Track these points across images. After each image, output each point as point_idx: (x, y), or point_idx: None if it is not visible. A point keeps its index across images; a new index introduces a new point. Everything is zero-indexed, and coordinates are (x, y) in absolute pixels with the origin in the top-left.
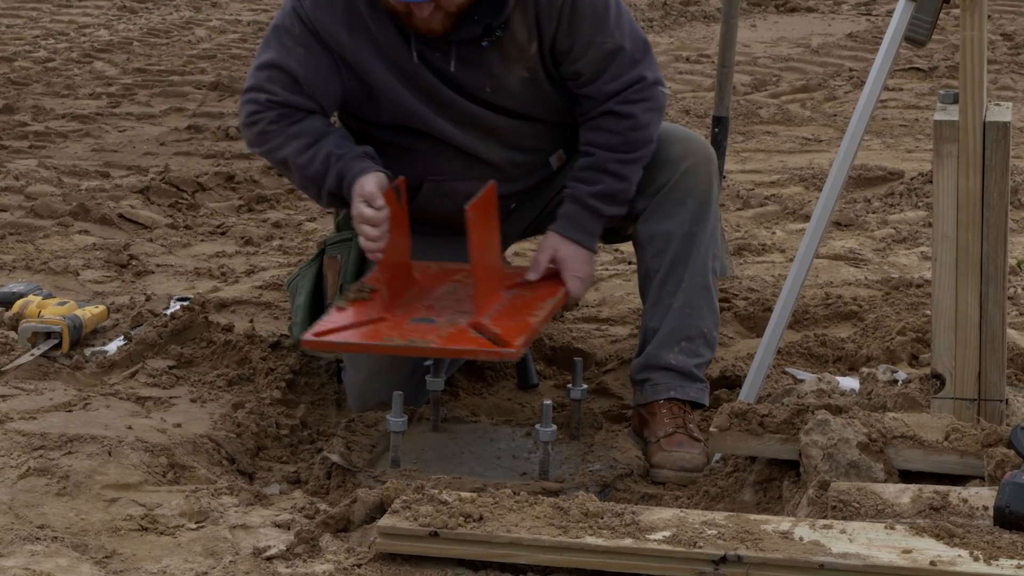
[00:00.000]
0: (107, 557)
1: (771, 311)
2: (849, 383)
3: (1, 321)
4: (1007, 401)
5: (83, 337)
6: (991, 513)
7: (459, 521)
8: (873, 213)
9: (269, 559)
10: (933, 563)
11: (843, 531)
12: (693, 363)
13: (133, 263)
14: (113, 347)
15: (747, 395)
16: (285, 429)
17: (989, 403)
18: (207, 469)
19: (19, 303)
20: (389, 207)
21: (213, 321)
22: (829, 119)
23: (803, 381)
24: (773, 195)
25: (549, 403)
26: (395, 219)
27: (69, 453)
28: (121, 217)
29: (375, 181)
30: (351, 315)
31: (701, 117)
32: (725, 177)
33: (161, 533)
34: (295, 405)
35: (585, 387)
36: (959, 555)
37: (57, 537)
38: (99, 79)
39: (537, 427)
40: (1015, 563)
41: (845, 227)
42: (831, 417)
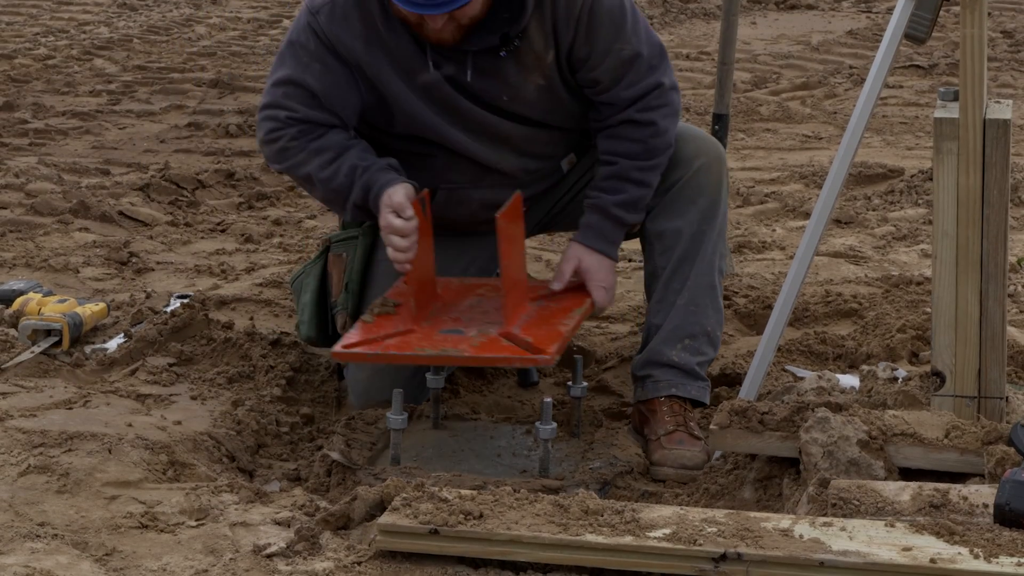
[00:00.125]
0: (107, 555)
1: (771, 309)
2: (849, 381)
3: (1, 319)
4: (1007, 399)
5: (83, 334)
6: (991, 511)
7: (459, 519)
8: (873, 210)
9: (269, 556)
10: (933, 560)
11: (843, 529)
12: (695, 361)
13: (133, 260)
14: (113, 344)
15: (747, 392)
16: (285, 427)
17: (989, 400)
18: (207, 467)
19: (19, 300)
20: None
21: (213, 318)
22: (829, 116)
23: (803, 379)
24: (773, 192)
25: (549, 401)
26: (420, 231)
27: (69, 451)
28: (121, 214)
29: (404, 192)
30: (379, 328)
31: (701, 114)
32: None
33: (161, 531)
34: (295, 402)
35: (585, 385)
36: (959, 553)
37: (57, 535)
38: (99, 76)
39: (537, 425)
40: (1015, 561)
41: (845, 224)
42: (831, 415)
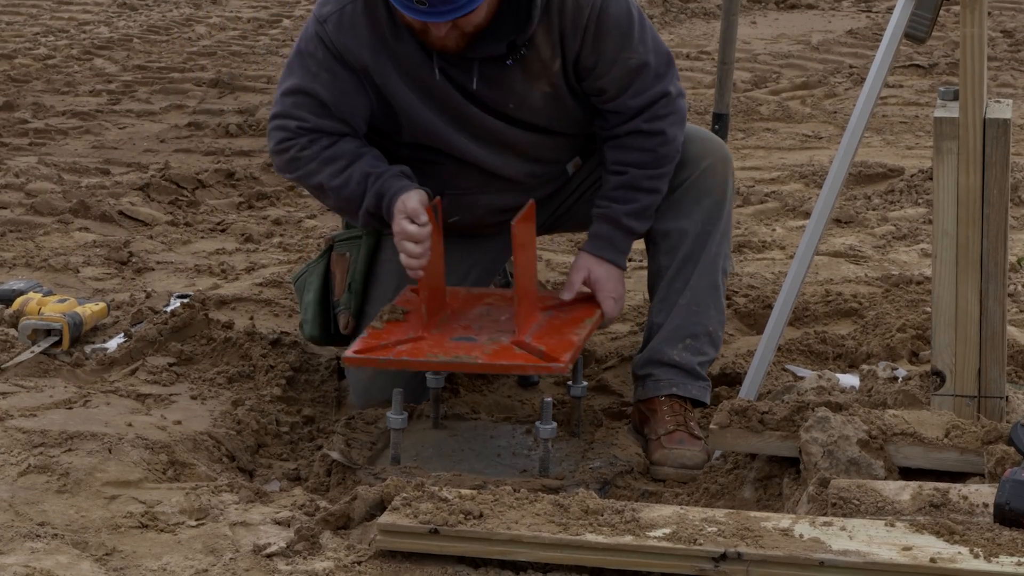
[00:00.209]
0: (107, 554)
1: (771, 308)
2: (849, 380)
3: (1, 318)
4: (1007, 398)
5: (83, 334)
6: (991, 510)
7: (459, 518)
8: (873, 210)
9: (269, 556)
10: (933, 560)
11: (843, 528)
12: (696, 361)
13: (133, 260)
14: (113, 344)
15: (747, 392)
16: (285, 426)
17: (989, 400)
18: (207, 466)
19: (19, 300)
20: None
21: (213, 318)
22: (829, 116)
23: (803, 378)
24: (773, 192)
25: (549, 400)
26: (432, 237)
27: (69, 450)
28: (121, 214)
29: (418, 198)
30: (389, 334)
31: (701, 114)
32: None
33: (161, 530)
34: (295, 402)
35: (585, 384)
36: (959, 552)
37: (57, 534)
38: (99, 76)
39: (537, 424)
40: (1015, 560)
41: (845, 224)
42: (831, 414)
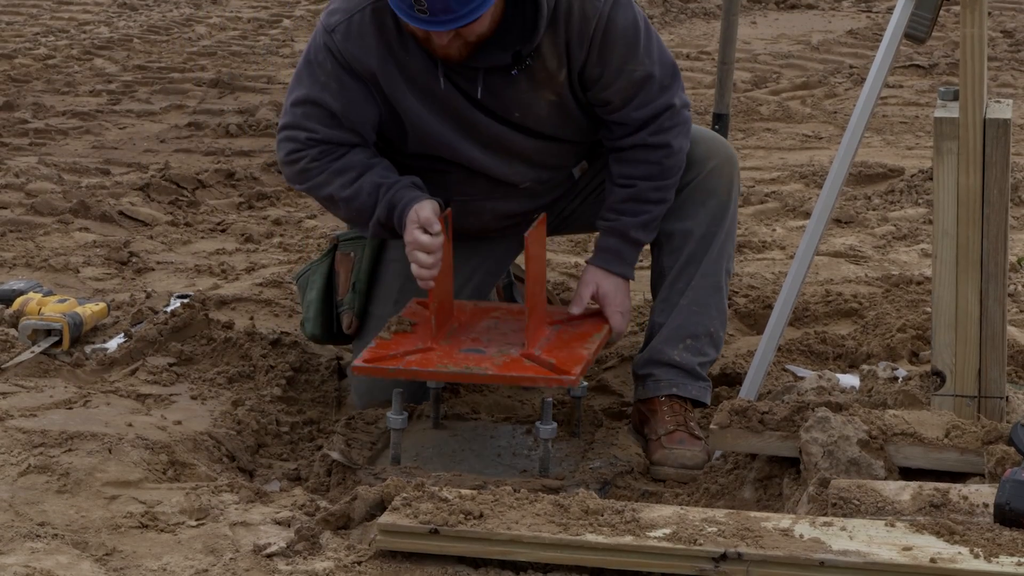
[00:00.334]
0: (107, 554)
1: (771, 308)
2: (849, 380)
3: (1, 318)
4: (1007, 398)
5: (83, 334)
6: (991, 510)
7: (459, 518)
8: (873, 210)
9: (269, 556)
10: (933, 560)
11: (843, 528)
12: (697, 361)
13: (133, 260)
14: (113, 344)
15: (747, 392)
16: (285, 426)
17: (989, 400)
18: (207, 466)
19: (19, 300)
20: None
21: (213, 318)
22: (829, 116)
23: (803, 378)
24: (773, 192)
25: (549, 400)
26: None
27: (69, 450)
28: (121, 214)
29: (431, 207)
30: (397, 345)
31: (701, 114)
32: None
33: (161, 530)
34: (295, 402)
35: (585, 384)
36: (959, 552)
37: (57, 534)
38: (99, 76)
39: (537, 424)
40: (1015, 560)
41: (845, 224)
42: (831, 414)
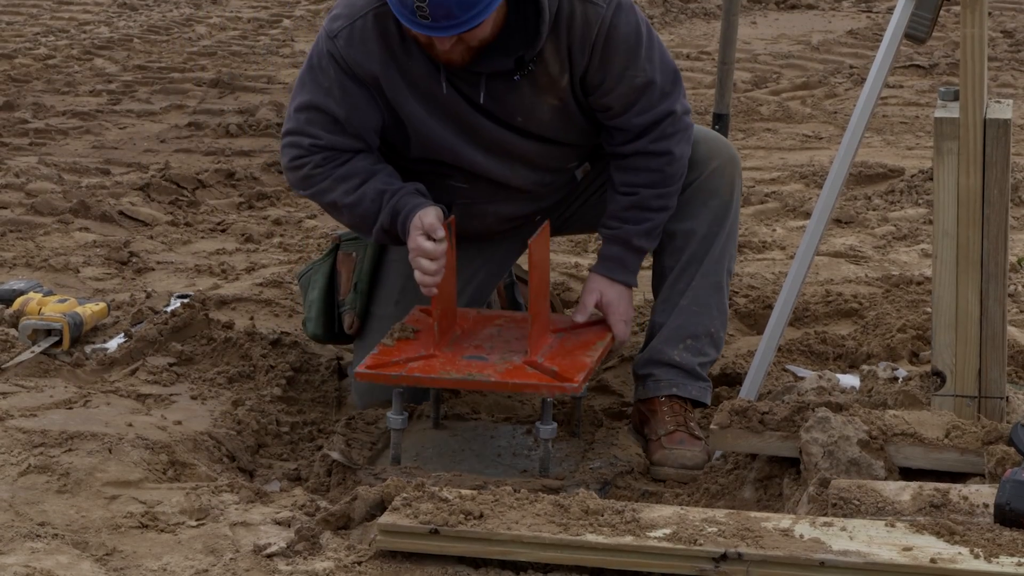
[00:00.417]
0: (107, 554)
1: (771, 308)
2: (849, 380)
3: (1, 318)
4: (1007, 398)
5: (83, 334)
6: (991, 510)
7: (459, 518)
8: (874, 210)
9: (270, 556)
10: (933, 560)
11: (843, 528)
12: (697, 361)
13: (133, 260)
14: (113, 344)
15: (748, 392)
16: (285, 426)
17: (989, 400)
18: (207, 466)
19: (19, 300)
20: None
21: (213, 318)
22: (829, 116)
23: (803, 378)
24: (773, 192)
25: (550, 401)
26: (446, 256)
27: (69, 450)
28: (121, 214)
29: (435, 214)
30: (400, 351)
31: (702, 114)
32: None
33: (161, 530)
34: (295, 402)
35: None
36: (959, 552)
37: (57, 534)
38: (99, 76)
39: (537, 424)
40: (1015, 560)
41: (846, 224)
42: (831, 414)
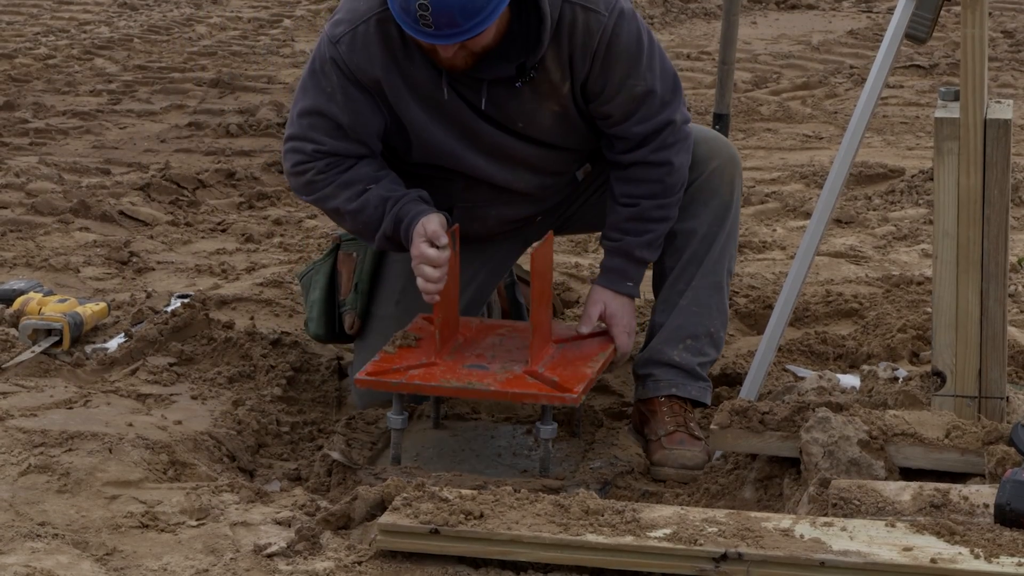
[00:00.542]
0: (108, 554)
1: (772, 308)
2: (850, 380)
3: (2, 318)
4: (1008, 398)
5: (84, 334)
6: (992, 511)
7: (460, 518)
8: (874, 210)
9: (270, 556)
10: (934, 560)
11: (844, 528)
12: (697, 361)
13: (134, 260)
14: (114, 344)
15: (748, 392)
16: (286, 426)
17: (990, 400)
18: (208, 466)
19: (20, 300)
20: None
21: (214, 318)
22: (830, 116)
23: (804, 378)
24: (774, 192)
25: None
26: (449, 264)
27: (70, 450)
28: (122, 214)
29: (438, 221)
30: (402, 359)
31: (702, 114)
32: None
33: (162, 530)
34: (296, 402)
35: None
36: (960, 552)
37: (58, 534)
38: (100, 76)
39: (538, 424)
40: (1016, 560)
41: (846, 224)
42: (832, 415)
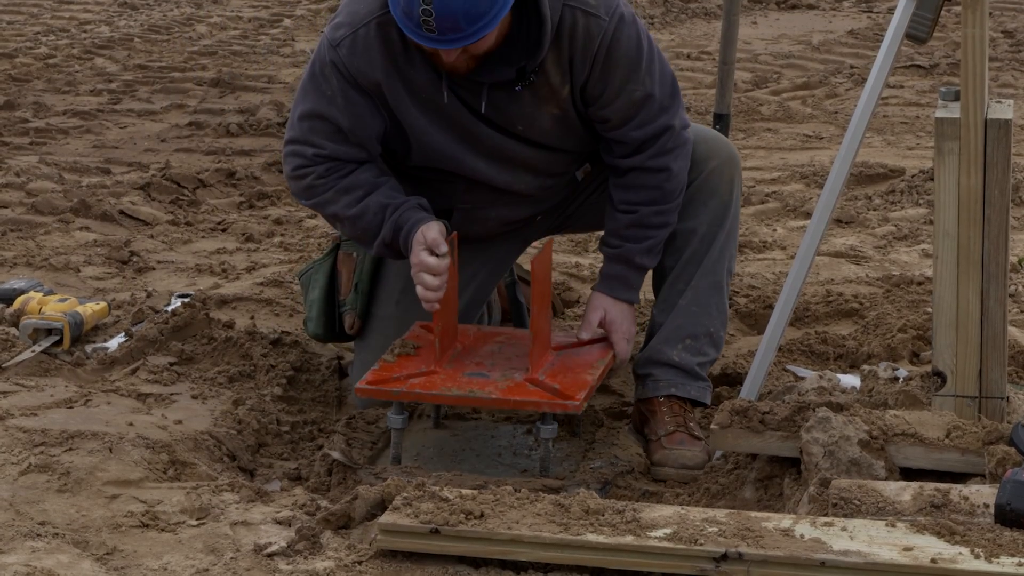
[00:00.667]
0: (108, 554)
1: (772, 308)
2: (850, 380)
3: (2, 318)
4: (1008, 399)
5: (84, 334)
6: (992, 511)
7: (460, 518)
8: (874, 210)
9: (270, 556)
10: (934, 560)
11: (844, 528)
12: (696, 361)
13: (134, 259)
14: (114, 344)
15: (748, 392)
16: (286, 426)
17: (990, 400)
18: (208, 466)
19: (20, 299)
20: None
21: (214, 318)
22: (830, 116)
23: (804, 378)
24: (774, 192)
25: None
26: (448, 272)
27: (70, 450)
28: (122, 214)
29: (438, 228)
30: (401, 367)
31: (702, 114)
32: None
33: (162, 530)
34: (296, 402)
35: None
36: (960, 552)
37: (58, 534)
38: (100, 75)
39: (538, 424)
40: (1016, 561)
41: (846, 224)
42: (832, 414)
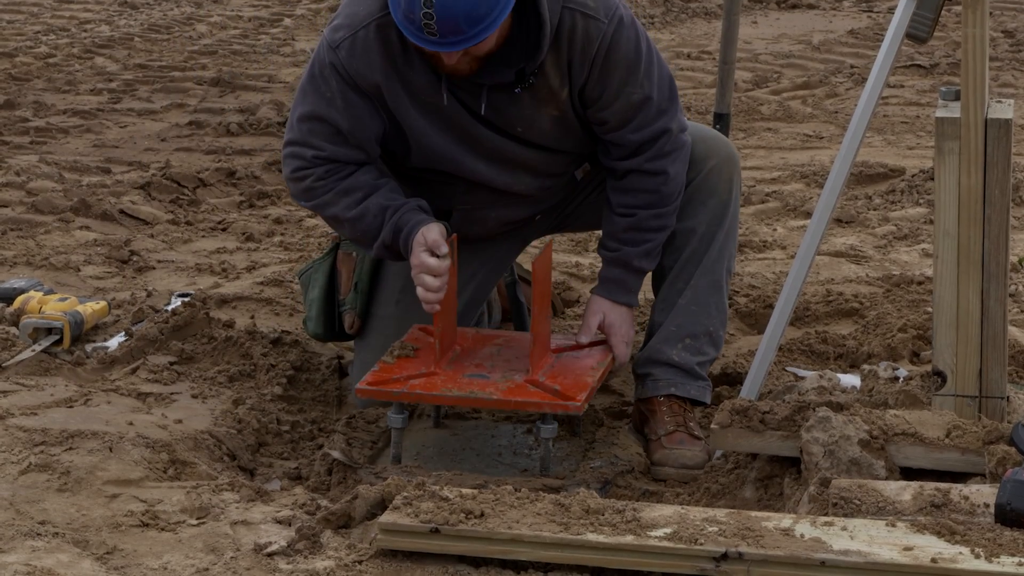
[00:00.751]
0: (108, 553)
1: (772, 308)
2: (850, 380)
3: (2, 317)
4: (1008, 398)
5: (84, 333)
6: (992, 510)
7: (460, 518)
8: (874, 210)
9: (270, 555)
10: (934, 560)
11: (844, 528)
12: (696, 360)
13: (134, 259)
14: (114, 343)
15: (748, 392)
16: (286, 425)
17: (990, 400)
18: (208, 465)
19: (20, 299)
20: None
21: (214, 317)
22: (830, 116)
23: (804, 378)
24: (774, 192)
25: None
26: (449, 273)
27: (70, 449)
28: (122, 213)
29: (438, 230)
30: (401, 369)
31: (702, 114)
32: None
33: (162, 529)
34: (296, 401)
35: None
36: (960, 552)
37: (58, 533)
38: (100, 75)
39: (538, 423)
40: (1016, 560)
41: (846, 224)
42: (832, 414)
